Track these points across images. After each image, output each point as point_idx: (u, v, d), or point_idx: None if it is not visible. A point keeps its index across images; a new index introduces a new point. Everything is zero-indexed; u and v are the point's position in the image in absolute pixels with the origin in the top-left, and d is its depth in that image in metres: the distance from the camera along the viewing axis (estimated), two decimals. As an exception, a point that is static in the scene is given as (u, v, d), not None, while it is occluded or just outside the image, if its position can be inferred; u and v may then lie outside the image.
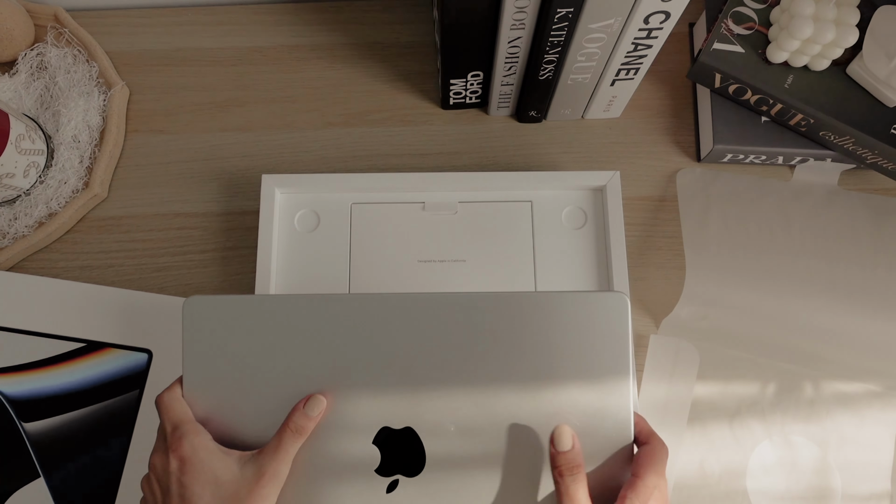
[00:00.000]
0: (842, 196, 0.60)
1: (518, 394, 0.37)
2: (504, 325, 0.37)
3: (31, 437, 0.49)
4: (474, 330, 0.37)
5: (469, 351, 0.37)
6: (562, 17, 0.46)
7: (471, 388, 0.37)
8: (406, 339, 0.38)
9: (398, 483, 0.38)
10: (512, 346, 0.37)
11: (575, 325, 0.37)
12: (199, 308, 0.38)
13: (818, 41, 0.52)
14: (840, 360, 0.55)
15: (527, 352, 0.37)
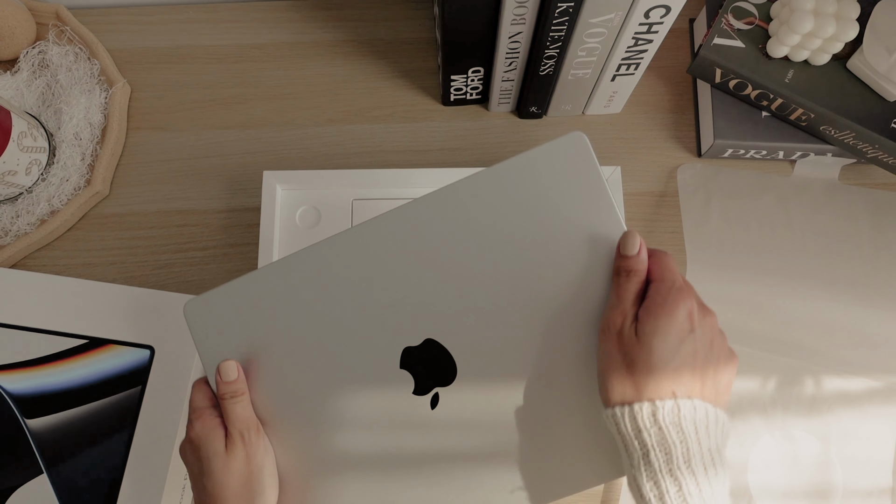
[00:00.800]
0: (842, 191, 0.60)
1: (521, 267, 0.37)
2: (487, 206, 0.37)
3: (34, 434, 0.49)
4: (457, 222, 0.37)
5: (460, 244, 0.37)
6: (562, 12, 0.46)
7: (477, 279, 0.37)
8: (399, 256, 0.38)
9: (438, 397, 0.38)
10: (500, 224, 0.37)
11: (549, 180, 0.37)
12: (199, 309, 0.39)
13: (818, 36, 0.52)
14: (841, 354, 0.55)
15: (515, 224, 0.37)
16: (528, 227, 0.37)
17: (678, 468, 0.32)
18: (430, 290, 0.38)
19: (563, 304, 0.37)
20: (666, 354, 0.33)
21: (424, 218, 0.38)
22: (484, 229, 0.37)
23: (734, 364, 0.36)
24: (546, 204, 0.37)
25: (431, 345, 0.38)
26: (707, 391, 0.34)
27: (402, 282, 0.38)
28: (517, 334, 0.37)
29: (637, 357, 0.33)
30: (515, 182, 0.37)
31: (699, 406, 0.33)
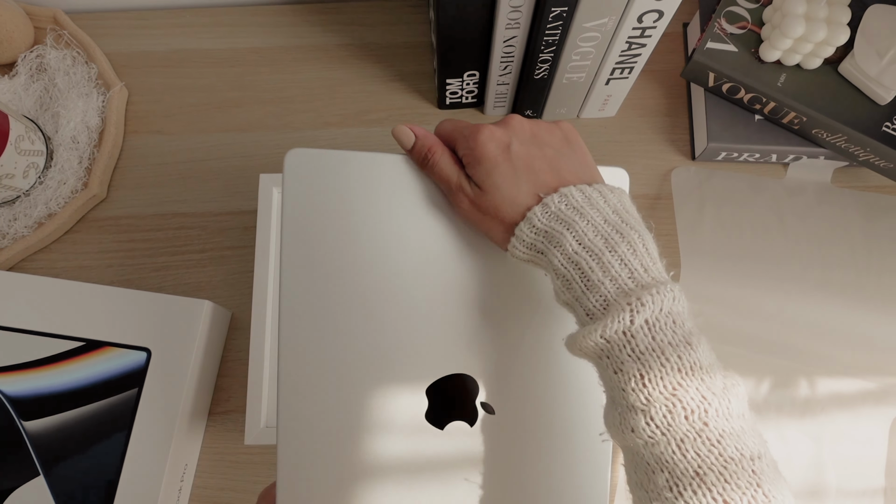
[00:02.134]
0: (835, 193, 0.60)
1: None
2: None
3: (30, 436, 0.49)
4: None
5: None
6: (556, 17, 0.47)
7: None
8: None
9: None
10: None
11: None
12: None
13: (810, 40, 0.53)
14: (834, 356, 0.56)
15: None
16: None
17: (574, 252, 0.32)
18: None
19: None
20: (509, 177, 0.34)
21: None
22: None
23: (560, 128, 0.37)
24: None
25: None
26: (566, 174, 0.34)
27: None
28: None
29: (493, 202, 0.34)
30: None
31: (565, 191, 0.33)
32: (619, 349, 0.29)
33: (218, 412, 0.55)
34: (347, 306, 0.36)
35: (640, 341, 0.29)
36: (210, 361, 0.53)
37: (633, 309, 0.29)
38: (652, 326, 0.29)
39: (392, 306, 0.36)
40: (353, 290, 0.36)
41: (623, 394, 0.29)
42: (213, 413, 0.55)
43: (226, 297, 0.57)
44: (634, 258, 0.31)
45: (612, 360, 0.29)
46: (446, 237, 0.37)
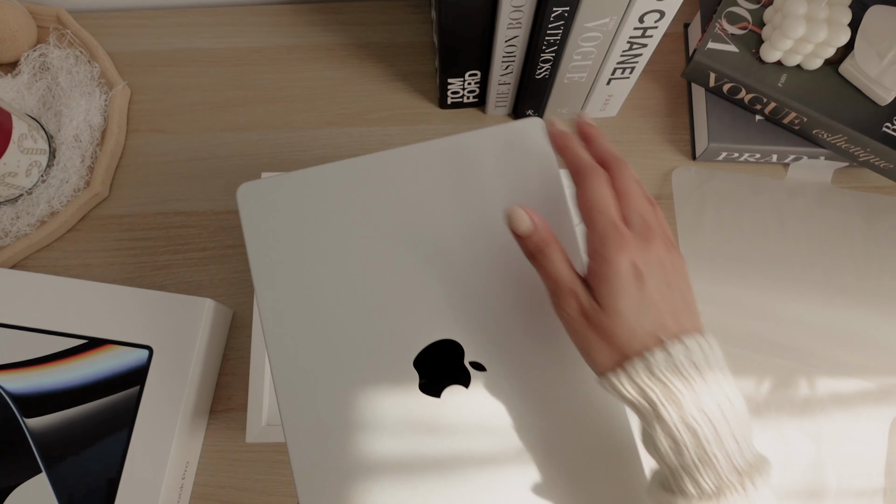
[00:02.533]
0: (835, 194, 0.60)
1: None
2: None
3: (33, 433, 0.49)
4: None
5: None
6: (558, 16, 0.47)
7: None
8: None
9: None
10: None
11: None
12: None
13: (810, 40, 0.53)
14: (834, 356, 0.56)
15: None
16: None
17: (692, 417, 0.30)
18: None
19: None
20: (635, 308, 0.31)
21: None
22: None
23: (684, 265, 0.34)
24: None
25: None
26: (684, 319, 0.32)
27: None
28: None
29: (610, 325, 0.32)
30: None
31: (688, 342, 0.31)
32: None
33: (219, 410, 0.55)
34: (324, 309, 0.37)
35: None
36: (212, 360, 0.54)
37: (748, 493, 0.29)
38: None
39: (365, 296, 0.37)
40: (327, 294, 0.37)
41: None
42: (215, 411, 0.55)
43: (227, 295, 0.57)
44: (740, 431, 0.31)
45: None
46: (402, 225, 0.38)
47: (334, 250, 0.38)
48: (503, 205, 0.37)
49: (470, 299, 0.38)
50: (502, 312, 0.38)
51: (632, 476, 0.37)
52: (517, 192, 0.38)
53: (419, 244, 0.38)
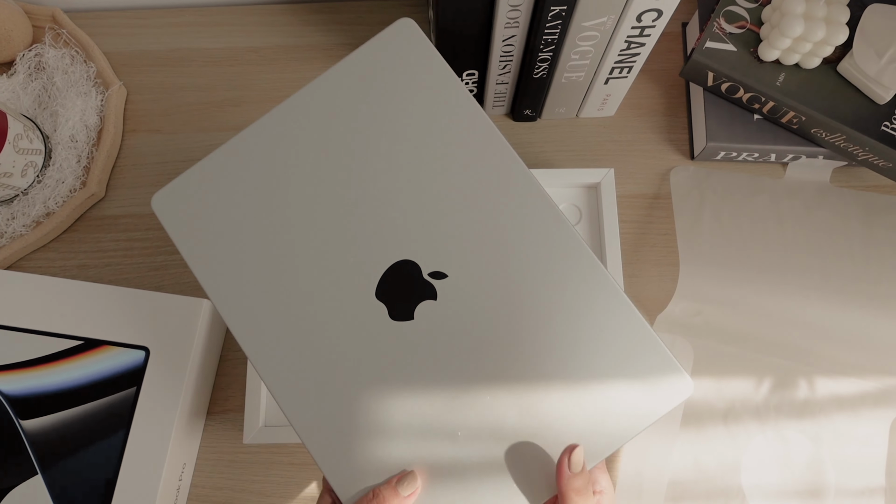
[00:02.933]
0: (833, 193, 0.60)
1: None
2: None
3: (28, 435, 0.49)
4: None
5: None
6: (555, 16, 0.47)
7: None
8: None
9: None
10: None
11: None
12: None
13: (809, 39, 0.53)
14: (833, 355, 0.56)
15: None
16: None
17: None
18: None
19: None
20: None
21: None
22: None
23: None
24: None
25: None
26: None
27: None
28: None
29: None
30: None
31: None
32: None
33: (216, 411, 0.55)
34: (273, 278, 0.37)
35: None
36: (209, 361, 0.53)
37: None
38: None
39: (308, 250, 0.38)
40: (271, 263, 0.38)
41: None
42: (212, 412, 0.55)
43: (224, 296, 0.57)
44: None
45: None
46: (321, 169, 0.38)
47: (264, 219, 0.38)
48: (410, 114, 0.38)
49: (408, 216, 0.37)
50: (442, 219, 0.37)
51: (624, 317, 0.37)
52: (419, 98, 0.38)
53: (344, 181, 0.38)
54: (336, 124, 0.38)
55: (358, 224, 0.38)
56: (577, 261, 0.37)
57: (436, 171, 0.38)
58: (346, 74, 0.39)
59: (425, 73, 0.39)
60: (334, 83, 0.39)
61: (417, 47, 0.39)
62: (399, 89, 0.38)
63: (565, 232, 0.37)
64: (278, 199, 0.38)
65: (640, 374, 0.36)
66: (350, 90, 0.38)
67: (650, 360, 0.36)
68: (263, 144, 0.39)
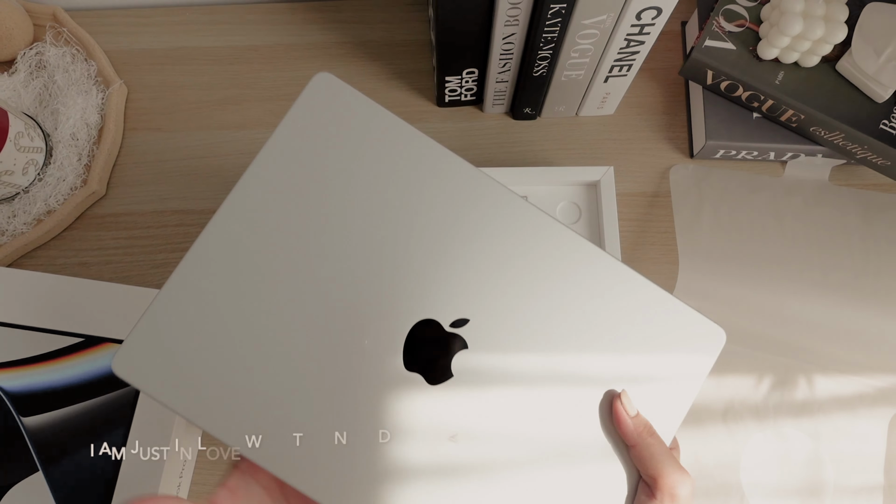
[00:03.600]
0: (833, 191, 0.60)
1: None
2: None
3: (29, 431, 0.49)
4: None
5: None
6: (555, 13, 0.47)
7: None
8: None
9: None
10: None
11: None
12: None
13: (808, 37, 0.53)
14: (832, 353, 0.56)
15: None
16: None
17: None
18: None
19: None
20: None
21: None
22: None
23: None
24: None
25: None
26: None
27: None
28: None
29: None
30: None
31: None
32: None
33: None
34: (284, 400, 0.33)
35: None
36: (209, 358, 0.53)
37: None
38: None
39: (310, 356, 0.34)
40: (276, 383, 0.33)
41: None
42: (212, 410, 0.55)
43: (225, 293, 0.57)
44: None
45: None
46: (285, 271, 0.34)
47: (250, 339, 0.33)
48: (363, 167, 0.34)
49: (401, 273, 0.34)
50: (437, 264, 0.35)
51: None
52: (361, 150, 0.35)
53: (315, 266, 0.34)
54: (287, 207, 0.34)
55: (353, 305, 0.34)
56: (580, 255, 0.36)
57: (405, 218, 0.35)
58: (283, 148, 0.35)
59: (361, 122, 0.35)
60: (273, 162, 0.35)
61: (343, 98, 0.35)
62: (334, 151, 0.35)
63: (554, 229, 0.36)
64: (255, 315, 0.33)
65: (677, 340, 0.37)
66: (288, 168, 0.35)
67: (679, 323, 0.37)
68: (219, 256, 0.34)
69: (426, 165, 0.35)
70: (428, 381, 0.34)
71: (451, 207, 0.35)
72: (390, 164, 0.35)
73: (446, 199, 0.35)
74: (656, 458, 0.34)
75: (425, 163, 0.35)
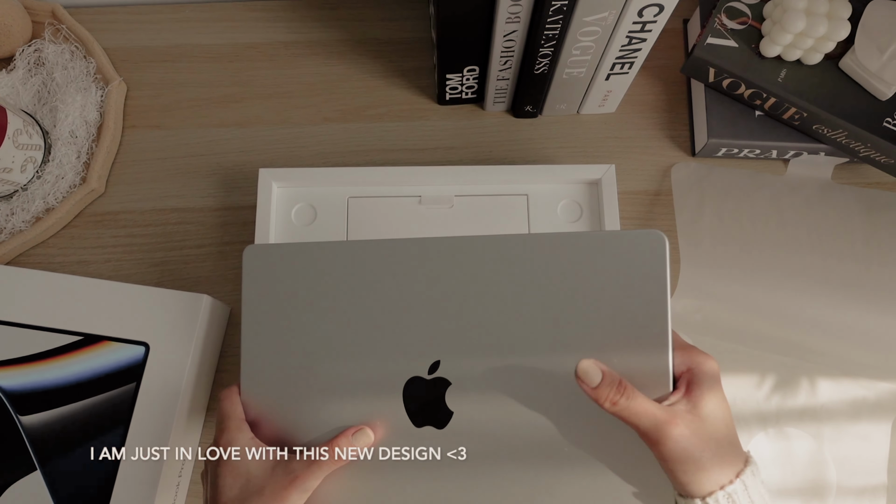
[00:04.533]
0: (835, 190, 0.60)
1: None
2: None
3: (27, 430, 0.49)
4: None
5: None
6: (556, 10, 0.47)
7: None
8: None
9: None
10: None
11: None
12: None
13: (810, 35, 0.53)
14: (835, 352, 0.55)
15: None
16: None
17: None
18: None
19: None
20: (730, 425, 0.34)
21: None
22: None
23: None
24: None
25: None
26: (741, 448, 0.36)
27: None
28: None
29: (724, 445, 0.34)
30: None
31: (756, 469, 0.34)
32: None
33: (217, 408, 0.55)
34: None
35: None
36: (209, 356, 0.53)
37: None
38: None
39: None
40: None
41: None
42: (212, 408, 0.55)
43: (225, 292, 0.57)
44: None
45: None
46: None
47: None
48: (319, 292, 0.39)
49: (378, 352, 0.39)
50: (407, 330, 0.39)
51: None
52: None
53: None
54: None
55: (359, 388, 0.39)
56: (500, 253, 0.38)
57: (356, 313, 0.39)
58: (258, 318, 0.40)
59: (303, 264, 0.40)
60: (257, 330, 0.40)
61: (276, 255, 0.40)
62: (295, 297, 0.40)
63: (465, 244, 0.38)
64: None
65: (620, 269, 0.36)
66: (270, 325, 0.40)
67: (614, 251, 0.36)
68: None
69: (359, 262, 0.39)
70: (438, 428, 0.38)
71: (379, 282, 0.39)
72: (336, 278, 0.39)
73: (378, 279, 0.39)
74: (636, 417, 0.34)
75: (357, 260, 0.39)
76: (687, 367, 0.36)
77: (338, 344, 0.39)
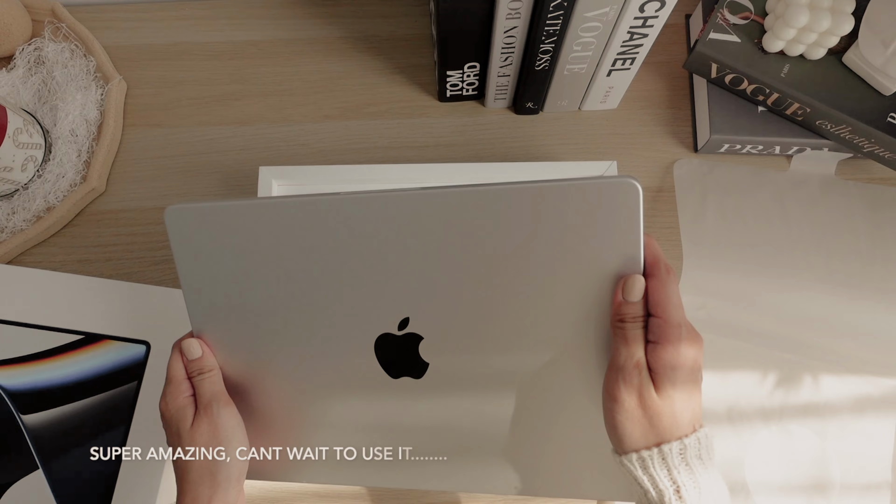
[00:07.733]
0: (839, 186, 0.59)
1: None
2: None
3: (29, 429, 0.49)
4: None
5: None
6: (557, 6, 0.46)
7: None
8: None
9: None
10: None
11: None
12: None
13: (814, 29, 0.52)
14: (838, 349, 0.55)
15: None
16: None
17: (707, 493, 0.33)
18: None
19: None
20: (685, 401, 0.34)
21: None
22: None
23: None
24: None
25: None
26: (700, 410, 0.35)
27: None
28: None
29: (661, 410, 0.34)
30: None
31: (706, 431, 0.35)
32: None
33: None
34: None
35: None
36: (209, 355, 0.53)
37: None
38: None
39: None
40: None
41: None
42: (213, 407, 0.55)
43: (225, 290, 0.57)
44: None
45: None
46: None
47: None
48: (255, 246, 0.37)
49: (343, 310, 0.38)
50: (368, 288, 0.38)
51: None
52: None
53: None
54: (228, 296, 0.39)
55: (329, 343, 0.39)
56: (464, 205, 0.36)
57: (311, 269, 0.38)
58: (196, 277, 0.39)
59: (229, 222, 0.38)
60: (198, 289, 0.39)
61: (199, 216, 0.38)
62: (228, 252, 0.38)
63: (424, 197, 0.36)
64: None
65: (596, 219, 0.35)
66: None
67: (588, 202, 0.35)
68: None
69: (293, 218, 0.37)
70: (416, 378, 0.39)
71: (332, 241, 0.37)
72: (271, 233, 0.38)
73: (326, 238, 0.37)
74: (627, 348, 0.35)
75: (290, 216, 0.37)
76: (661, 312, 0.35)
77: (293, 305, 0.38)
